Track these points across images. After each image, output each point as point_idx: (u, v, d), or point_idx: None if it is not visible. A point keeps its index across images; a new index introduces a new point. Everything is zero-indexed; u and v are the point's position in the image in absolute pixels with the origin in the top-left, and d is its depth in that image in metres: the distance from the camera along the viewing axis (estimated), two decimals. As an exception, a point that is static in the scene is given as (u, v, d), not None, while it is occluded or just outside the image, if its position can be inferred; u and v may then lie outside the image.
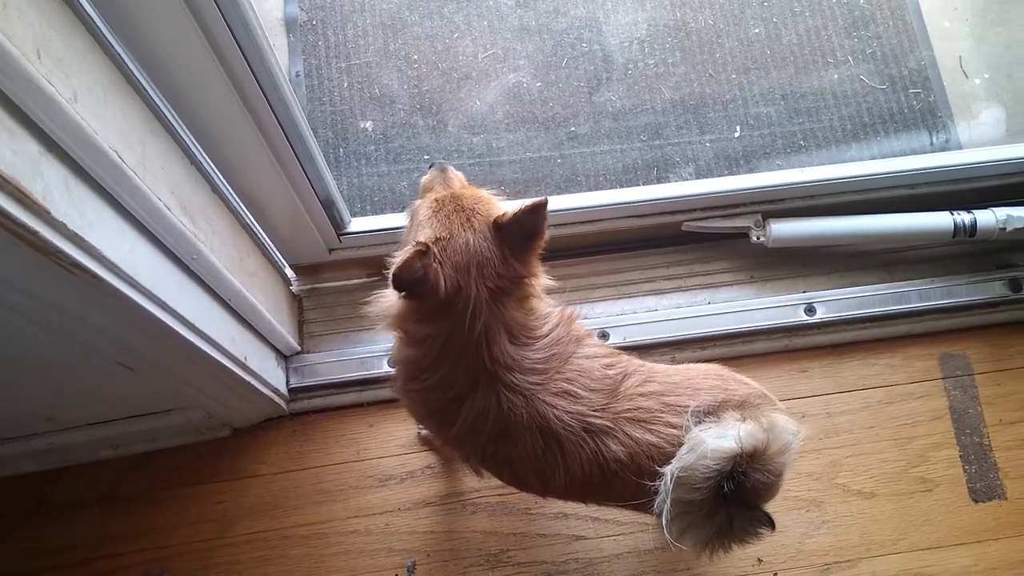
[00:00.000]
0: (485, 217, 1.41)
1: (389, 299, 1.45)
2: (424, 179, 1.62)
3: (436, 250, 1.35)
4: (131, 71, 1.32)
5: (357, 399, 2.16)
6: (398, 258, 1.30)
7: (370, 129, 2.42)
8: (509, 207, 1.41)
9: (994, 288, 2.23)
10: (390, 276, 1.30)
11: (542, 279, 1.49)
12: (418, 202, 1.54)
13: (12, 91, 0.97)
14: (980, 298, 2.22)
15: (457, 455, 1.72)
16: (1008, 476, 2.10)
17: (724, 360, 2.15)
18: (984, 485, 2.09)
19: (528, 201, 1.36)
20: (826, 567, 2.01)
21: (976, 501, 2.08)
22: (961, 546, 2.04)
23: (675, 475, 1.30)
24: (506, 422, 1.42)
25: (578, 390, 1.43)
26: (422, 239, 1.35)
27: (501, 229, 1.39)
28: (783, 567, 2.01)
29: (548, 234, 1.43)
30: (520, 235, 1.40)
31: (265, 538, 2.04)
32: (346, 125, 2.42)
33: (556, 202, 2.17)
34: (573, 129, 2.43)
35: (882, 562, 2.02)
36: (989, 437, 2.14)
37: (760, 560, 2.01)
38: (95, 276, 1.18)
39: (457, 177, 1.60)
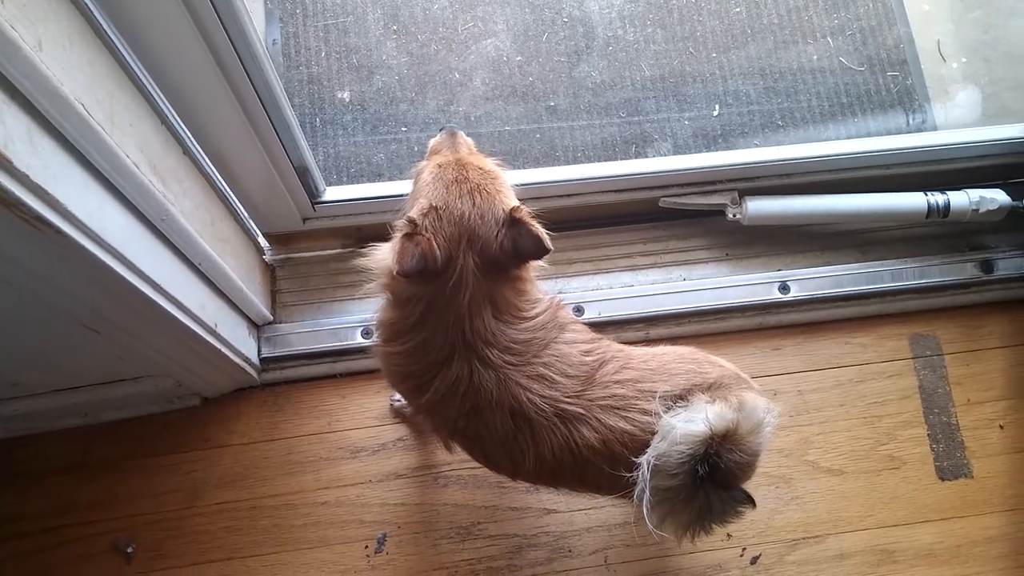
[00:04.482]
0: (491, 197, 1.41)
1: (382, 254, 1.44)
2: (433, 141, 1.61)
3: (428, 222, 1.35)
4: (100, 24, 1.28)
5: (330, 370, 2.14)
6: (394, 253, 1.31)
7: (347, 99, 2.39)
8: (526, 209, 1.41)
9: (966, 269, 2.25)
10: (394, 270, 1.31)
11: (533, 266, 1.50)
12: (423, 163, 1.53)
13: (-27, 36, 0.95)
14: (952, 279, 2.24)
15: (430, 426, 1.72)
16: (975, 455, 2.13)
17: (698, 337, 2.18)
18: (951, 464, 2.12)
19: (545, 233, 1.36)
20: (794, 542, 2.03)
21: (943, 479, 2.11)
22: (927, 523, 2.06)
23: (651, 464, 1.31)
24: (476, 397, 1.42)
25: (554, 375, 1.43)
26: (413, 214, 1.36)
27: (510, 224, 1.39)
28: (752, 542, 2.03)
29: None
30: (519, 244, 1.39)
31: (234, 508, 2.03)
32: (323, 94, 2.39)
33: (535, 175, 2.16)
34: (552, 103, 2.42)
35: (849, 538, 2.04)
36: (957, 416, 2.16)
37: (729, 535, 2.03)
38: (59, 231, 1.15)
39: (466, 143, 1.59)
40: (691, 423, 1.31)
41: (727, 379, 1.46)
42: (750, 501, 1.40)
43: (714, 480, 1.33)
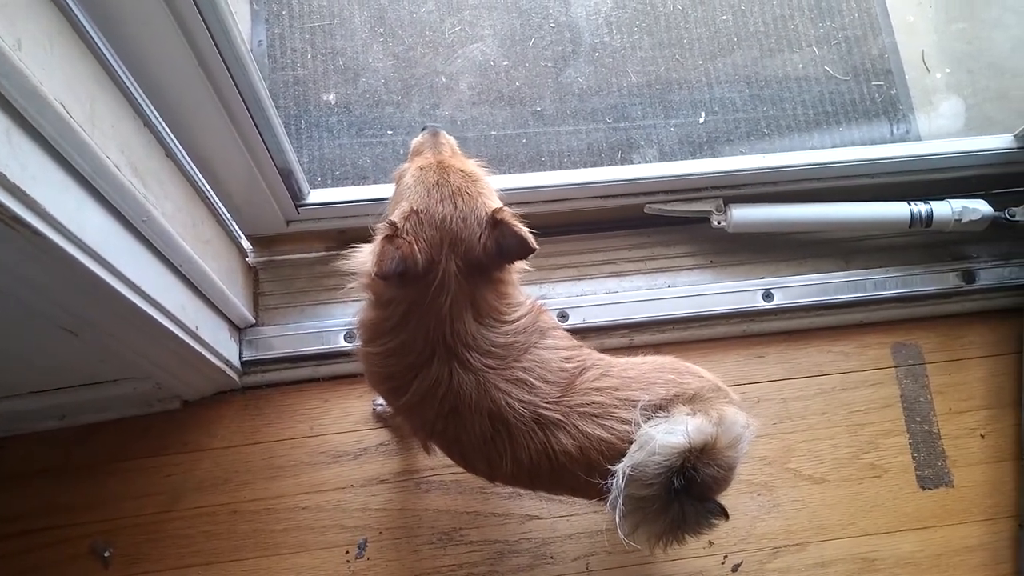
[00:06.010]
0: (473, 200, 1.40)
1: (363, 255, 1.43)
2: (415, 141, 1.60)
3: (409, 225, 1.35)
4: (82, 25, 1.27)
5: (312, 374, 2.13)
6: (373, 255, 1.30)
7: (332, 101, 2.38)
8: (508, 210, 1.40)
9: (948, 279, 2.26)
10: (373, 272, 1.30)
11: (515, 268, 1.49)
12: (405, 166, 1.52)
13: (-50, 34, 0.93)
14: (934, 288, 2.25)
15: (408, 428, 1.71)
16: (956, 464, 2.14)
17: (682, 344, 2.18)
18: (932, 473, 2.13)
19: (529, 233, 1.35)
20: (775, 550, 2.03)
21: (924, 488, 2.12)
22: (908, 532, 2.07)
23: (626, 473, 1.31)
24: (455, 400, 1.42)
25: (533, 380, 1.43)
26: (394, 217, 1.36)
27: (492, 225, 1.38)
28: (733, 550, 2.03)
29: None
30: (502, 244, 1.38)
31: (214, 512, 2.01)
32: (308, 96, 2.38)
33: (520, 180, 2.16)
34: (538, 108, 2.42)
35: (830, 546, 2.04)
36: (938, 425, 2.17)
37: (711, 543, 2.03)
38: (37, 232, 1.14)
39: (448, 143, 1.57)
40: (670, 435, 1.31)
41: (707, 391, 1.46)
42: (724, 513, 1.40)
43: (689, 492, 1.33)
